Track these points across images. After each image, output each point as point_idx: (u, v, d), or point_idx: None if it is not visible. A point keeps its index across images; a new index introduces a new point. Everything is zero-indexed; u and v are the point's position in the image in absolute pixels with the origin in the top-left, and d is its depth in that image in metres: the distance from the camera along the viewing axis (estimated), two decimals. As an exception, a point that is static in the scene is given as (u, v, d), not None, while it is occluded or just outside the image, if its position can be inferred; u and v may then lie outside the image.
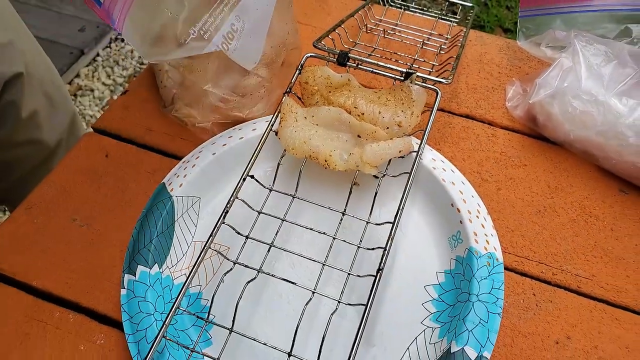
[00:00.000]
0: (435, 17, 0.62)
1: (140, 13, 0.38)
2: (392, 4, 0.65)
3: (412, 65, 0.51)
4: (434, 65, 0.52)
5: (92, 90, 1.65)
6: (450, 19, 0.62)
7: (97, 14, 0.38)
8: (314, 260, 0.37)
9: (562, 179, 0.48)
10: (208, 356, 0.34)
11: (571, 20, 0.55)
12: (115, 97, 1.63)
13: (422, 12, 0.65)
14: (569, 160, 0.50)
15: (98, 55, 1.74)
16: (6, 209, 1.22)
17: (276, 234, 0.39)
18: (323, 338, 0.33)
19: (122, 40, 1.79)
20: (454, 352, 0.34)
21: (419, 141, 0.42)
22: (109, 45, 1.78)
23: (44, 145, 0.73)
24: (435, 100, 0.44)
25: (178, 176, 0.43)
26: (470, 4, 0.66)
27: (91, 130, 0.52)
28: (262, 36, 0.44)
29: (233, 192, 0.39)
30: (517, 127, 0.53)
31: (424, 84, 0.45)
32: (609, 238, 0.45)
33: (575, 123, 0.47)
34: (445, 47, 0.56)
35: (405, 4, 0.66)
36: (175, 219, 0.42)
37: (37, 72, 0.69)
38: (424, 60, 0.53)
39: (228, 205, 0.38)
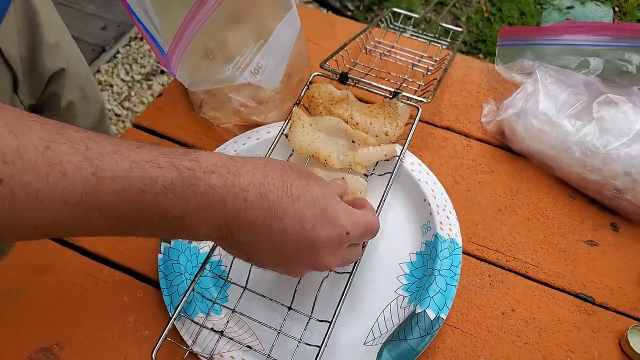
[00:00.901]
0: (427, 41, 0.72)
1: (191, 59, 0.48)
2: (391, 26, 0.75)
3: (401, 84, 0.61)
4: (420, 85, 0.61)
5: (111, 86, 1.75)
6: (441, 41, 0.72)
7: (159, 61, 0.48)
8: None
9: (523, 184, 0.58)
10: (226, 307, 0.43)
11: (540, 52, 0.65)
12: (133, 93, 1.74)
13: (417, 35, 0.75)
14: (530, 169, 0.59)
15: (118, 52, 1.85)
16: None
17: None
18: (316, 297, 0.43)
19: (141, 39, 1.90)
20: (417, 313, 0.44)
21: (401, 147, 0.52)
22: (128, 43, 1.88)
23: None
24: (417, 115, 0.54)
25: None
26: (460, 29, 0.76)
27: (129, 125, 0.62)
28: (282, 68, 0.55)
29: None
30: (489, 140, 0.62)
31: (408, 102, 0.54)
32: (556, 234, 0.54)
33: (534, 138, 0.57)
34: (432, 68, 0.66)
35: (403, 27, 0.75)
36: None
37: (75, 68, 0.79)
38: (412, 80, 0.63)
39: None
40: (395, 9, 0.78)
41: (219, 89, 0.56)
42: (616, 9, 2.37)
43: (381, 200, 0.47)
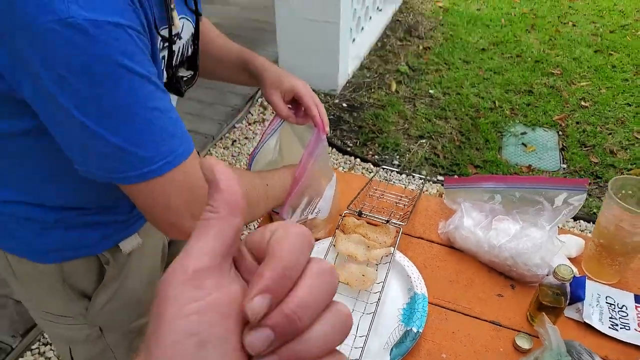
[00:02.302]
0: (404, 186, 1.24)
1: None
2: (385, 177, 1.27)
3: (390, 214, 1.11)
4: (401, 214, 1.11)
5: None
6: (415, 178, 1.23)
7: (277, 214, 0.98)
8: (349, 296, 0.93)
9: (462, 266, 1.05)
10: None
11: (469, 192, 1.16)
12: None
13: (399, 181, 1.27)
14: (465, 258, 1.07)
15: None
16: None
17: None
18: (358, 324, 0.88)
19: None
20: (408, 330, 0.89)
21: (392, 249, 1.00)
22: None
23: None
24: (399, 232, 1.03)
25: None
26: (423, 176, 1.28)
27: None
28: (328, 209, 1.04)
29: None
30: (443, 242, 1.11)
31: (394, 224, 1.04)
32: (480, 291, 1.00)
33: (465, 241, 1.05)
34: (407, 203, 1.16)
35: (390, 168, 1.27)
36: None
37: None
38: (395, 212, 1.13)
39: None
40: (384, 167, 1.31)
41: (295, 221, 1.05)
42: (560, 132, 2.99)
43: (385, 276, 0.94)
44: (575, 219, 2.34)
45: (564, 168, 2.71)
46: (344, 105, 3.19)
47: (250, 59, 1.03)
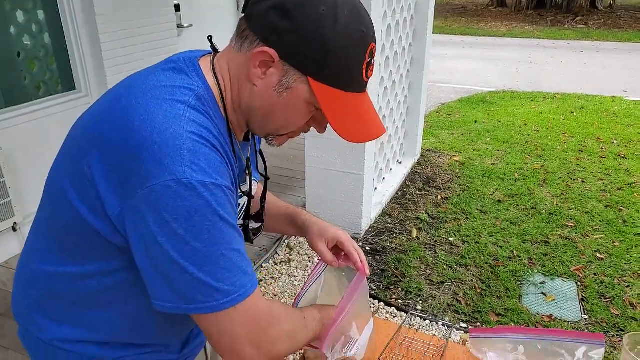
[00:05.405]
0: (431, 334, 1.33)
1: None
2: (409, 322, 1.36)
3: (421, 363, 1.19)
4: (430, 363, 1.19)
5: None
6: (440, 325, 1.32)
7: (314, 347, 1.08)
8: None
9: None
10: None
11: (493, 341, 1.24)
12: None
13: (422, 327, 1.36)
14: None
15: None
16: None
17: None
18: None
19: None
20: None
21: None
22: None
23: None
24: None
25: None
26: (450, 324, 1.38)
27: None
28: (365, 348, 1.14)
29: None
30: (471, 391, 1.16)
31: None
32: None
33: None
34: (435, 352, 1.24)
35: (411, 322, 1.37)
36: None
37: None
38: (426, 360, 1.21)
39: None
40: (412, 312, 1.41)
41: None
42: (578, 283, 3.05)
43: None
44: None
45: (585, 319, 2.72)
46: (367, 248, 3.35)
47: (297, 214, 1.22)
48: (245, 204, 1.02)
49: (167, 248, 0.76)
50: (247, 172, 0.97)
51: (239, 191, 0.94)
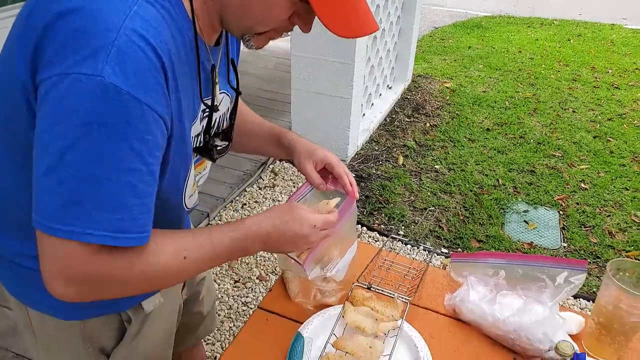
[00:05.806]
0: (411, 258, 1.30)
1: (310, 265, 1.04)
2: (391, 246, 1.33)
3: (398, 287, 1.16)
4: (408, 287, 1.16)
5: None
6: (423, 249, 1.29)
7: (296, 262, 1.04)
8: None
9: (467, 337, 1.09)
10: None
11: (474, 266, 1.21)
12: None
13: (404, 251, 1.33)
14: (471, 330, 1.11)
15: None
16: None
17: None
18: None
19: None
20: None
21: (401, 319, 1.05)
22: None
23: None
24: (407, 306, 1.08)
25: (306, 327, 1.05)
26: (431, 248, 1.35)
27: (255, 307, 1.14)
28: (345, 271, 1.10)
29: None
30: (449, 314, 1.15)
31: (402, 299, 1.09)
32: (485, 365, 1.04)
33: (471, 314, 1.10)
34: (415, 275, 1.22)
35: (392, 246, 1.34)
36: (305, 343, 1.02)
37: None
38: (403, 284, 1.19)
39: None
40: (393, 236, 1.38)
41: (308, 286, 1.10)
42: (560, 212, 3.06)
43: (392, 349, 0.98)
44: (575, 297, 2.36)
45: (564, 247, 2.76)
46: (353, 175, 3.30)
47: (283, 133, 1.13)
48: (212, 120, 0.92)
49: (47, 146, 0.65)
50: (213, 82, 0.86)
51: (202, 104, 0.84)
